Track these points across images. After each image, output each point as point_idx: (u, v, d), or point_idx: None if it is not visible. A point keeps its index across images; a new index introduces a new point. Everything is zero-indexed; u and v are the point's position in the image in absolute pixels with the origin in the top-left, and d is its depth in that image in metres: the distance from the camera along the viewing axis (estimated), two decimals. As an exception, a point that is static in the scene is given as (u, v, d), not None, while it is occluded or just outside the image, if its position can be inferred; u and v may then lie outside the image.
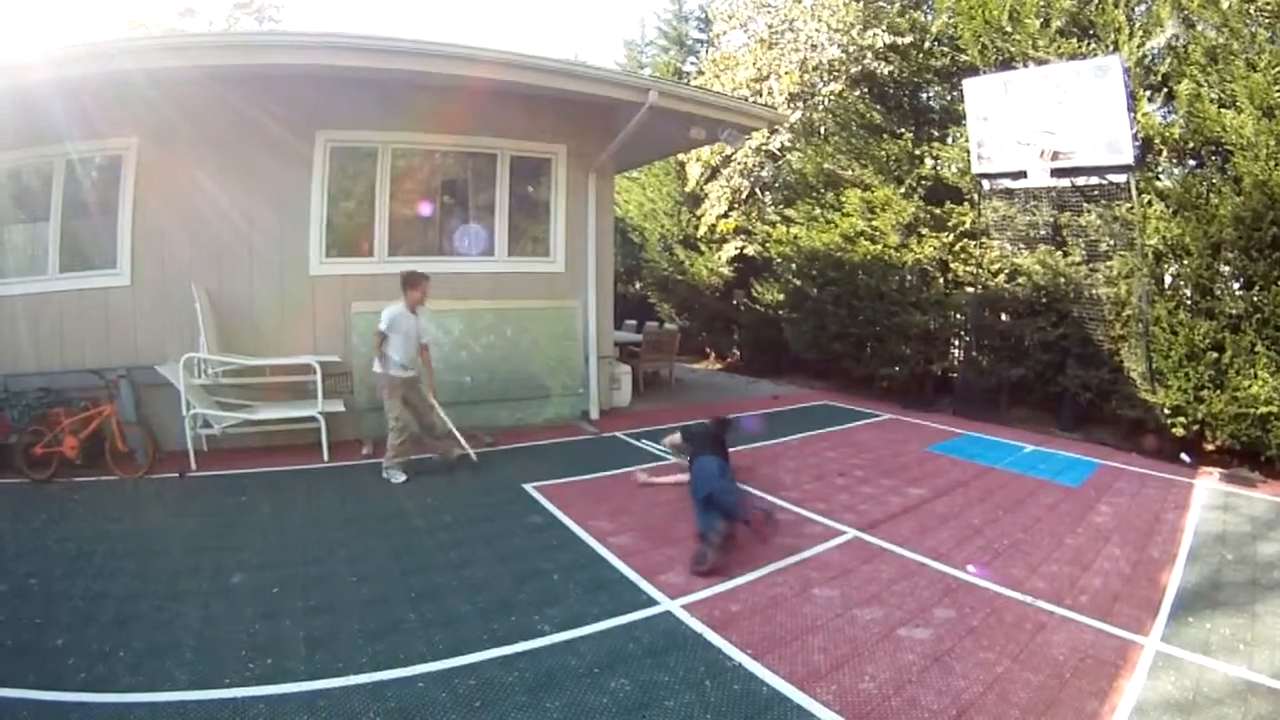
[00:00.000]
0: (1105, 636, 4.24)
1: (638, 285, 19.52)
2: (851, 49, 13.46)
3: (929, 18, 12.99)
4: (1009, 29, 10.73)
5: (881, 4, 13.47)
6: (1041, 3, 10.41)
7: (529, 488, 7.17)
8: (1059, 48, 10.13)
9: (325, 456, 8.18)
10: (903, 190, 12.25)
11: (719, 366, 17.68)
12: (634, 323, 16.02)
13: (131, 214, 8.60)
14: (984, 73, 10.93)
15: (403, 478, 7.45)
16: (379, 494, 7.14)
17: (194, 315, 8.04)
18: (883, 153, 12.55)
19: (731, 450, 7.17)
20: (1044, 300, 10.68)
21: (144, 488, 7.17)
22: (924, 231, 11.94)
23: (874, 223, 12.36)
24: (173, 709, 3.62)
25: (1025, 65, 10.50)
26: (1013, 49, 10.70)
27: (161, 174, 8.57)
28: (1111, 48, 9.63)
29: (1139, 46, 9.41)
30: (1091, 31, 10.19)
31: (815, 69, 14.20)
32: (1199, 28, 8.93)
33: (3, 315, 8.57)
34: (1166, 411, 8.76)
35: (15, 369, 8.32)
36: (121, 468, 7.43)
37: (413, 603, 4.75)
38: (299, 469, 7.91)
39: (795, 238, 13.72)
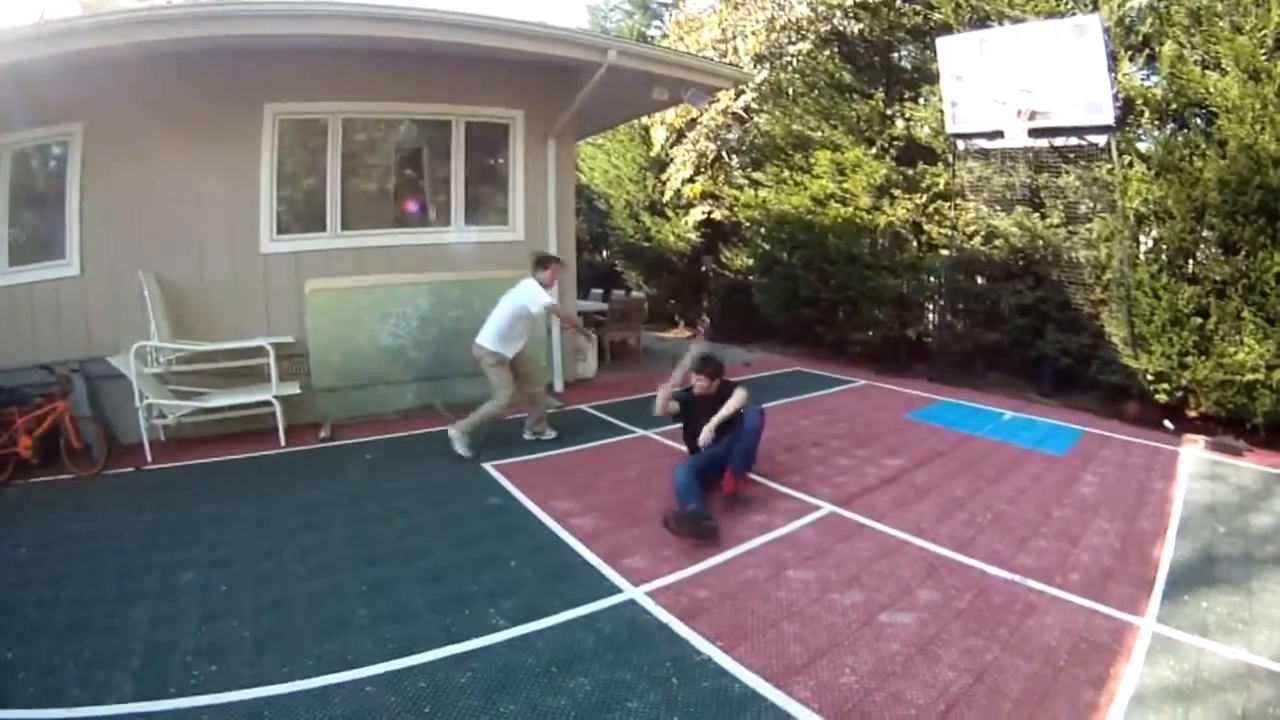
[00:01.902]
0: (1099, 618, 4.05)
1: (605, 254, 19.28)
2: (820, 7, 13.15)
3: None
4: (984, -14, 10.44)
5: (851, -39, 13.11)
6: (1018, -40, 10.10)
7: (488, 467, 6.98)
8: (1035, 6, 9.89)
9: (282, 441, 7.93)
10: (874, 151, 12.00)
11: (689, 334, 17.38)
12: (601, 291, 15.76)
13: (79, 201, 8.30)
14: (958, 31, 10.62)
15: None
16: (335, 479, 6.91)
17: (144, 303, 7.73)
18: (853, 113, 12.28)
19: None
20: (1021, 263, 10.52)
21: (99, 485, 6.93)
22: (896, 193, 11.70)
23: (844, 185, 12.10)
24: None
25: (1001, 24, 10.24)
26: (988, 7, 10.42)
27: (108, 158, 8.28)
28: (1090, 6, 9.40)
29: (1119, 6, 9.18)
30: None
31: (783, 28, 13.91)
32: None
33: None
34: (1149, 377, 8.59)
35: None
36: (77, 465, 7.19)
37: (364, 597, 4.57)
38: (255, 456, 7.68)
39: (764, 201, 13.48)
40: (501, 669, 3.71)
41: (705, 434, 6.04)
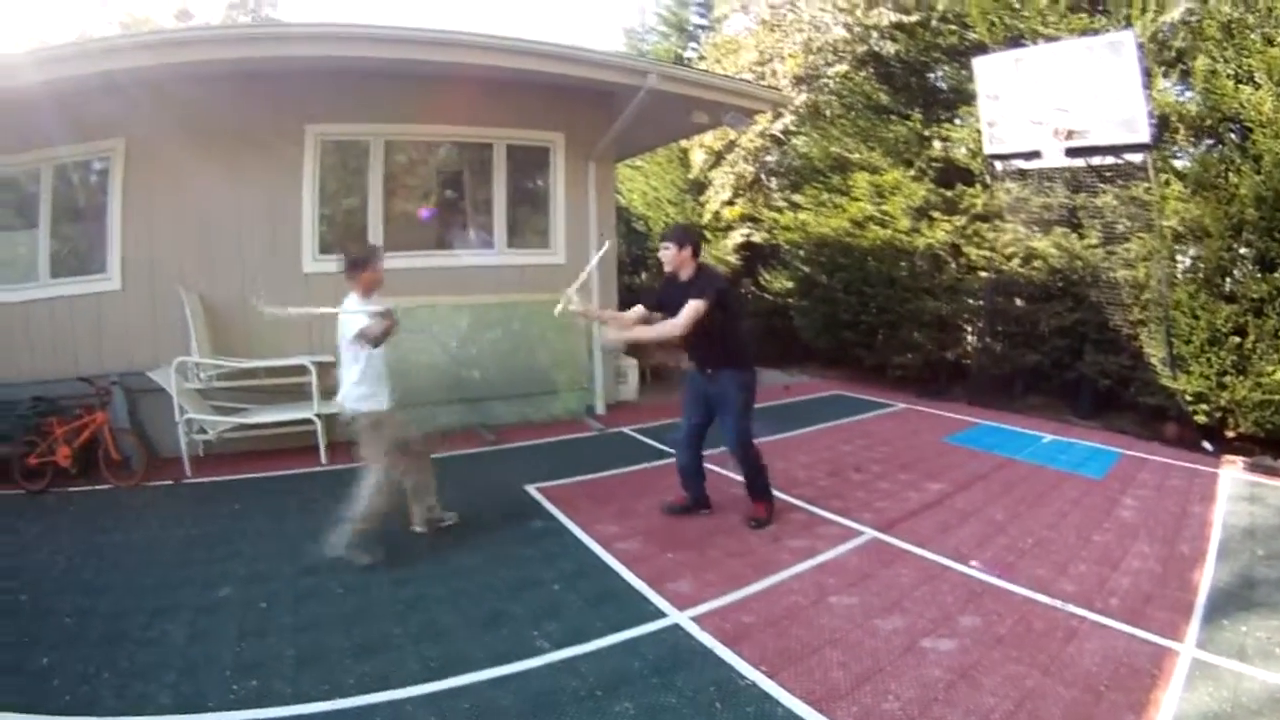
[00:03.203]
0: (1138, 643, 4.07)
1: (644, 276, 19.26)
2: (856, 29, 13.25)
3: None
4: (1017, 5, 10.52)
5: (886, -18, 13.19)
6: (1050, -24, 10.12)
7: (531, 489, 7.01)
8: (1069, 24, 9.92)
9: (323, 459, 8.05)
10: (912, 173, 12.03)
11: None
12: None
13: (120, 217, 8.50)
14: (993, 50, 10.66)
15: (376, 556, 5.54)
16: None
17: (185, 321, 7.92)
18: (891, 134, 12.33)
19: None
20: (1060, 284, 10.47)
21: (137, 497, 7.06)
22: (935, 215, 11.72)
23: (884, 207, 12.15)
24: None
25: (1035, 42, 10.27)
26: (1022, 25, 10.48)
27: (150, 176, 8.46)
28: (1124, 23, 9.39)
29: (1152, 21, 9.17)
30: (1102, 7, 9.97)
31: (819, 50, 14.01)
32: (1211, 2, 8.72)
33: None
34: (1188, 398, 8.58)
35: (7, 378, 8.24)
36: (115, 476, 7.32)
37: (404, 616, 4.62)
38: (295, 473, 7.79)
39: (803, 224, 13.53)
40: (545, 691, 3.74)
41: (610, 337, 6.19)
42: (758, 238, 15.93)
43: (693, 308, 5.41)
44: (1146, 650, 4.01)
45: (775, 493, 6.44)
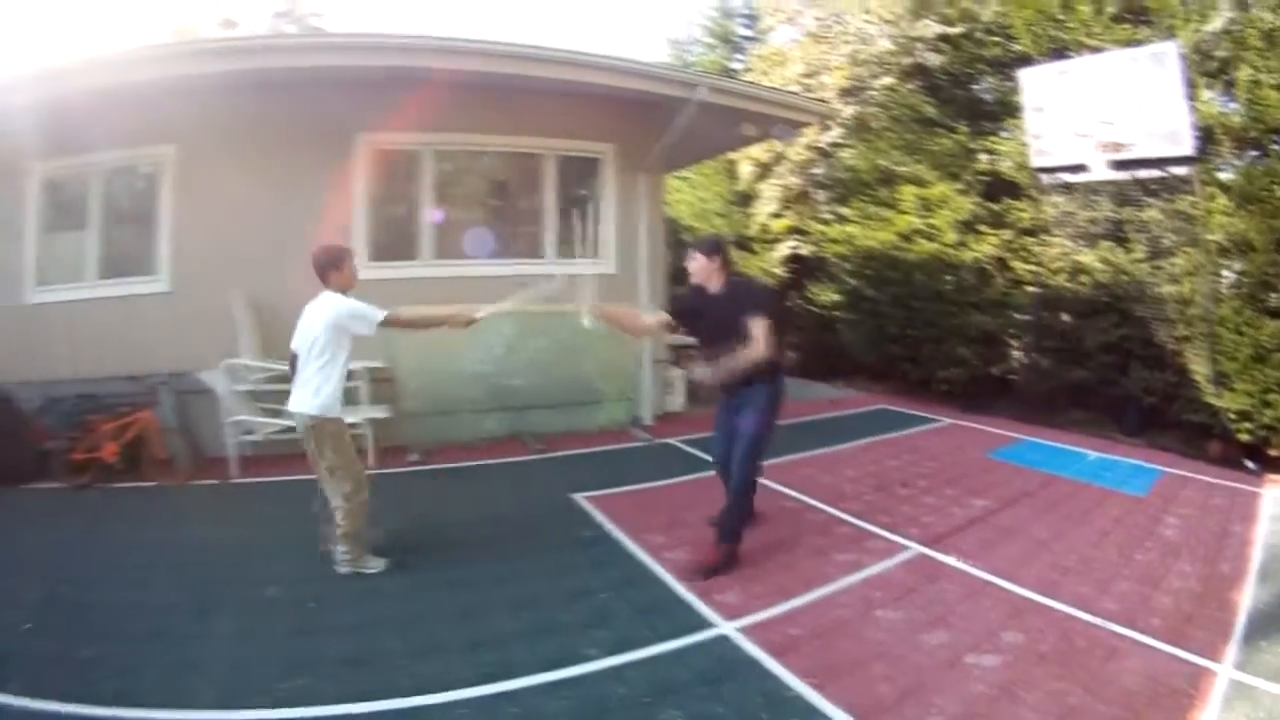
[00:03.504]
0: (1178, 663, 4.13)
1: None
2: (901, 40, 13.34)
3: (979, 6, 12.70)
4: (1061, 16, 10.54)
5: (930, -7, 13.24)
6: (1093, -13, 10.12)
7: (579, 498, 7.09)
8: (1113, 35, 9.93)
9: (370, 463, 8.13)
10: (959, 186, 12.09)
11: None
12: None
13: (171, 221, 8.79)
14: (1038, 62, 10.71)
15: (381, 565, 5.56)
16: (424, 503, 7.14)
17: (234, 323, 8.15)
18: (937, 147, 12.41)
19: (784, 459, 7.17)
20: (1106, 299, 10.46)
21: (183, 495, 7.27)
22: (982, 229, 11.77)
23: (931, 220, 12.22)
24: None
25: (1079, 53, 10.28)
26: (1066, 37, 10.52)
27: (200, 180, 8.70)
28: (1167, 33, 9.38)
29: (1194, 31, 9.16)
30: (1145, 17, 9.93)
31: (865, 62, 14.11)
32: (1253, 10, 8.69)
33: (43, 322, 8.81)
34: (1231, 416, 8.58)
35: (54, 375, 8.50)
36: (161, 474, 7.55)
37: (455, 621, 4.69)
38: None
39: (850, 236, 13.62)
40: (594, 698, 3.81)
41: (709, 371, 5.45)
42: (805, 250, 15.96)
43: (763, 328, 5.20)
44: (1185, 670, 4.06)
45: (821, 505, 6.66)
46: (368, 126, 9.21)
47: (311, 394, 5.34)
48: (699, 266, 5.63)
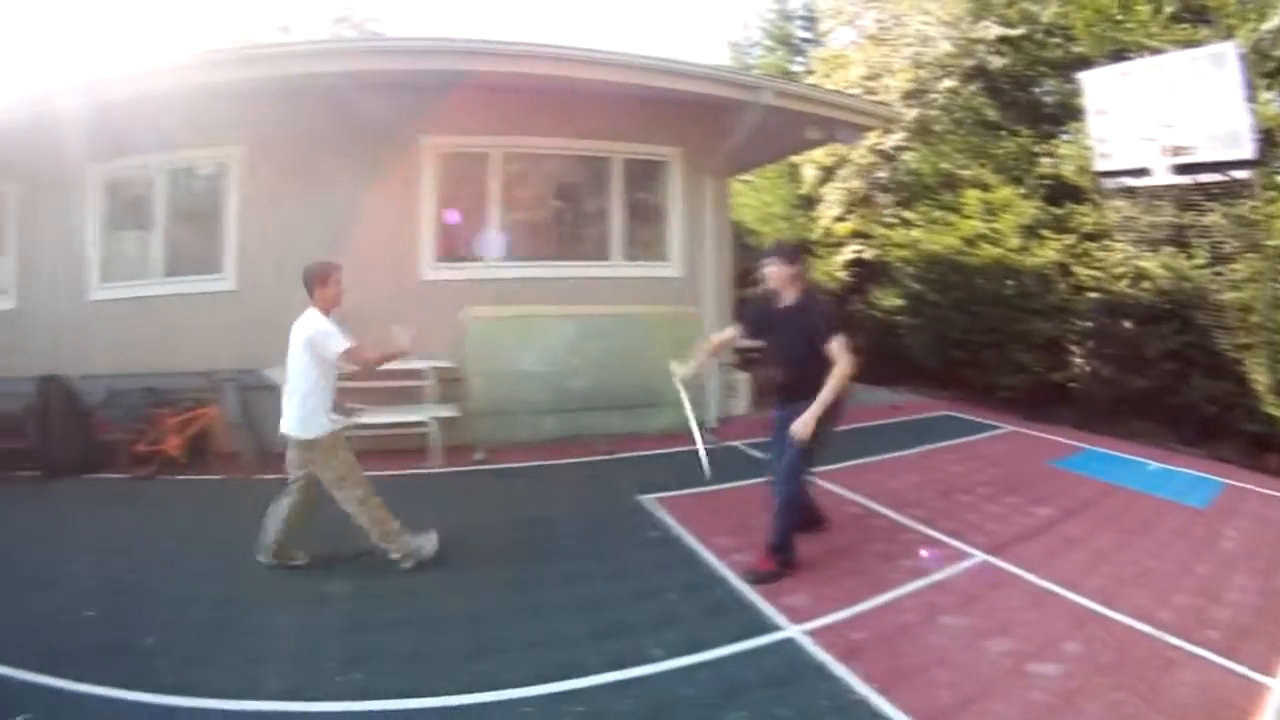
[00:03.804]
0: (1234, 677, 4.19)
1: (751, 290, 19.29)
2: (962, 42, 13.37)
3: (1039, 7, 12.75)
4: (1120, 17, 10.57)
5: (989, -5, 13.22)
6: (1152, -13, 10.06)
7: (645, 500, 7.26)
8: (1172, 35, 9.94)
9: (436, 461, 8.45)
10: (1022, 190, 12.11)
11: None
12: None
13: (237, 221, 9.14)
14: (1098, 64, 10.76)
15: (431, 544, 5.80)
16: (490, 501, 7.36)
17: None
18: (1000, 151, 12.46)
19: (849, 464, 7.29)
20: (1167, 306, 10.44)
21: (246, 489, 7.44)
22: (1045, 234, 11.77)
23: (994, 225, 12.25)
24: (259, 719, 3.75)
25: (1139, 55, 10.31)
26: (1125, 38, 10.57)
27: (266, 181, 9.04)
28: (1225, 33, 9.38)
29: (1252, 31, 9.16)
30: (1204, 17, 9.94)
31: (927, 65, 14.13)
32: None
33: (108, 318, 9.21)
34: (1291, 426, 8.48)
35: (120, 369, 8.83)
36: (225, 468, 7.83)
37: (520, 619, 4.79)
38: (408, 474, 8.14)
39: (914, 241, 13.70)
40: (662, 699, 3.88)
41: (799, 427, 5.23)
42: (868, 254, 16.01)
43: (844, 346, 5.24)
44: (1240, 684, 4.11)
45: (886, 511, 6.79)
46: (434, 130, 9.47)
47: (297, 417, 5.48)
48: (776, 272, 5.56)
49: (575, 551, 6.05)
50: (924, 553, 5.87)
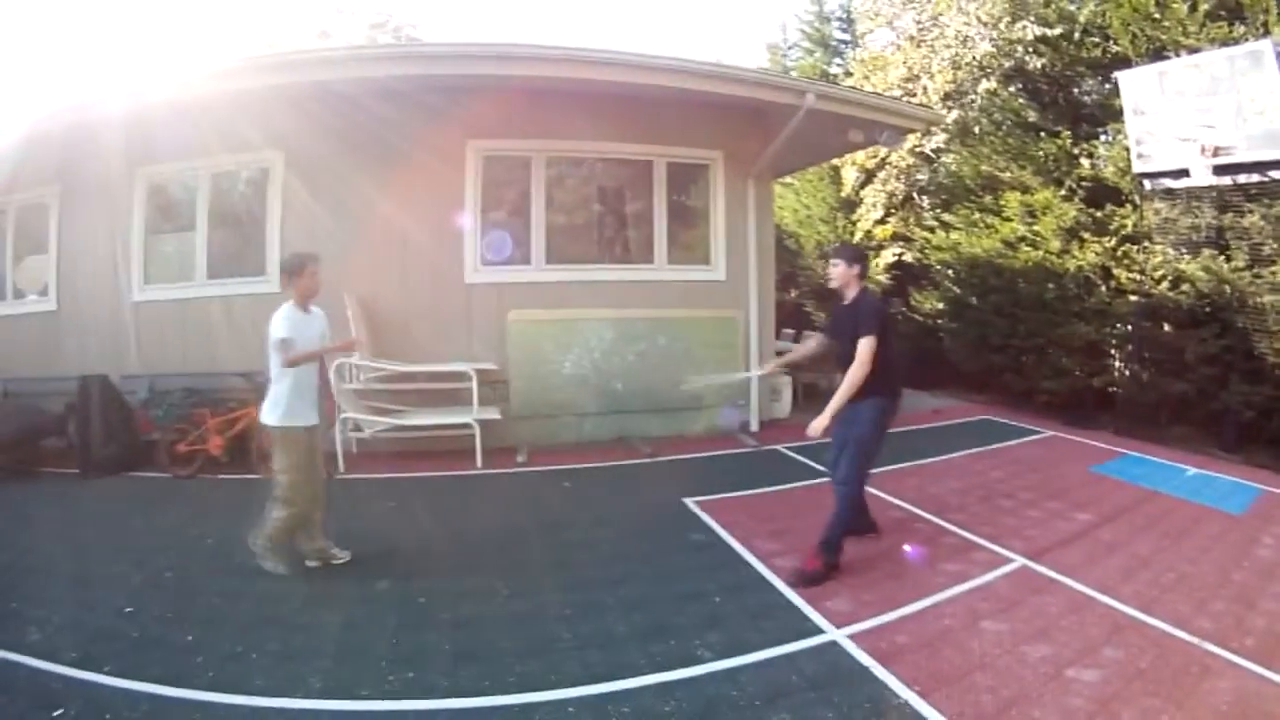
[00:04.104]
0: (1268, 684, 4.23)
1: (793, 293, 19.44)
2: (1001, 42, 13.37)
3: (1076, 6, 12.78)
4: (1157, 15, 10.54)
5: (1026, -7, 13.18)
6: (1188, -16, 10.02)
7: (689, 502, 7.37)
8: (1209, 33, 9.92)
9: (478, 463, 8.56)
10: (1063, 192, 12.08)
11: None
12: (791, 332, 15.79)
13: (280, 224, 9.36)
14: (1136, 63, 10.76)
15: (282, 569, 5.69)
16: (534, 504, 7.47)
17: (346, 322, 8.42)
18: (1040, 152, 12.43)
19: (891, 468, 7.39)
20: (1207, 309, 10.41)
21: None
22: (1085, 236, 11.74)
23: (1034, 227, 12.24)
24: (304, 717, 3.79)
25: (1177, 53, 10.33)
26: (1163, 36, 10.56)
27: (310, 185, 9.23)
28: (1261, 30, 9.37)
29: (1288, 25, 8.97)
30: (1239, 13, 9.91)
31: (966, 65, 14.14)
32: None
33: (150, 319, 9.50)
34: (1329, 432, 8.43)
35: (162, 369, 9.13)
36: (267, 469, 7.65)
37: (567, 620, 4.87)
38: (451, 475, 8.32)
39: (955, 244, 13.69)
40: (706, 701, 3.93)
41: (814, 426, 5.57)
42: (909, 257, 16.05)
43: (867, 348, 5.40)
44: (1276, 692, 4.15)
45: (928, 516, 6.88)
46: (478, 134, 9.62)
47: (269, 403, 5.61)
48: (840, 273, 5.77)
49: (620, 553, 6.12)
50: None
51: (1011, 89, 13.83)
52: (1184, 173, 10.15)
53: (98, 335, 9.85)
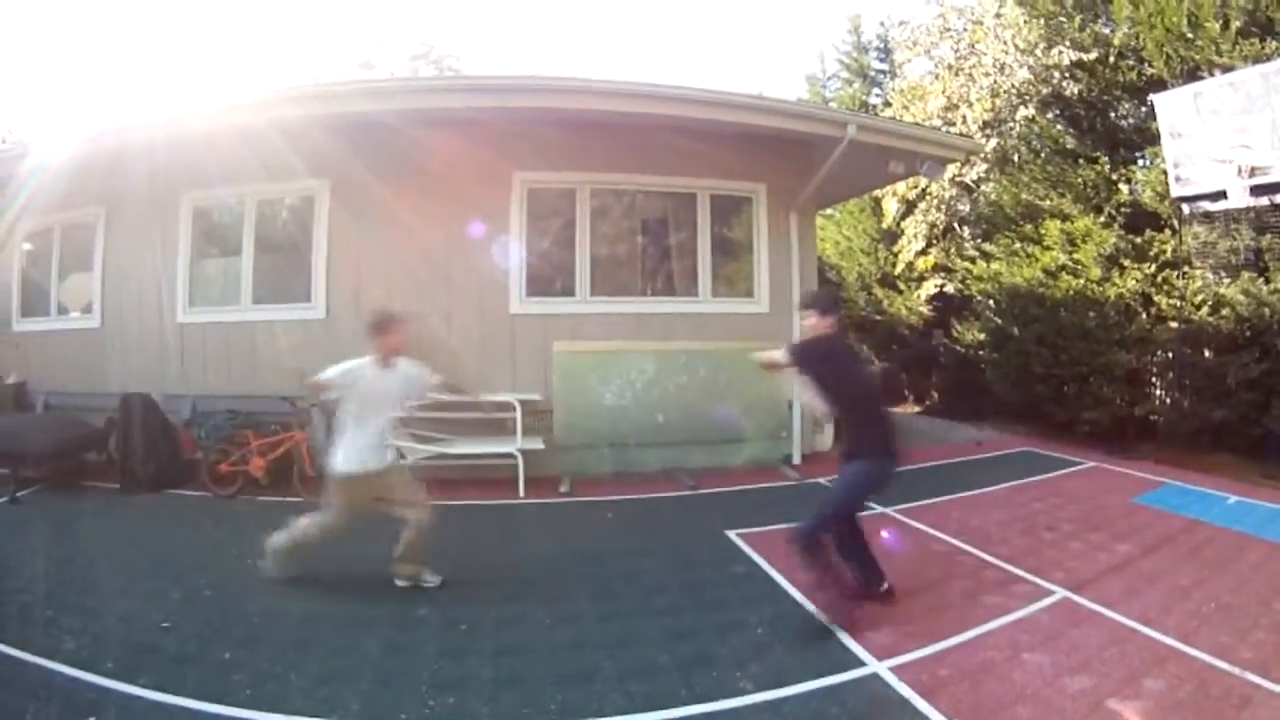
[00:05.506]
0: None
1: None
2: (1038, 69, 13.45)
3: (1110, 30, 12.81)
4: (1190, 34, 10.56)
5: (1061, 19, 13.37)
6: (1218, 3, 10.18)
7: (732, 535, 7.44)
8: (1241, 50, 9.90)
9: (521, 492, 8.68)
10: (1102, 219, 12.06)
11: (918, 409, 17.43)
12: None
13: (326, 252, 9.60)
14: (1171, 85, 10.75)
15: (274, 572, 6.03)
16: (577, 533, 7.58)
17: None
18: (1079, 179, 12.41)
19: (934, 501, 7.49)
20: (1247, 333, 10.36)
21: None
22: (1125, 263, 11.72)
23: (1075, 255, 12.20)
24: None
25: (1211, 73, 10.31)
26: (1197, 56, 10.57)
27: (355, 214, 9.44)
28: None
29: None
30: (1271, 29, 9.93)
31: (1005, 93, 14.19)
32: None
33: (195, 341, 9.73)
34: (1370, 457, 8.34)
35: (204, 390, 9.37)
36: (310, 492, 7.86)
37: (608, 650, 4.90)
38: (494, 504, 8.44)
39: (996, 274, 13.65)
40: None
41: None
42: (950, 288, 16.07)
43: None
44: None
45: (970, 549, 6.93)
46: (523, 165, 9.82)
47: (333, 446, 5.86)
48: (812, 324, 5.76)
49: (662, 584, 6.17)
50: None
51: (1049, 115, 13.86)
52: (1221, 194, 10.07)
53: (140, 354, 10.17)
